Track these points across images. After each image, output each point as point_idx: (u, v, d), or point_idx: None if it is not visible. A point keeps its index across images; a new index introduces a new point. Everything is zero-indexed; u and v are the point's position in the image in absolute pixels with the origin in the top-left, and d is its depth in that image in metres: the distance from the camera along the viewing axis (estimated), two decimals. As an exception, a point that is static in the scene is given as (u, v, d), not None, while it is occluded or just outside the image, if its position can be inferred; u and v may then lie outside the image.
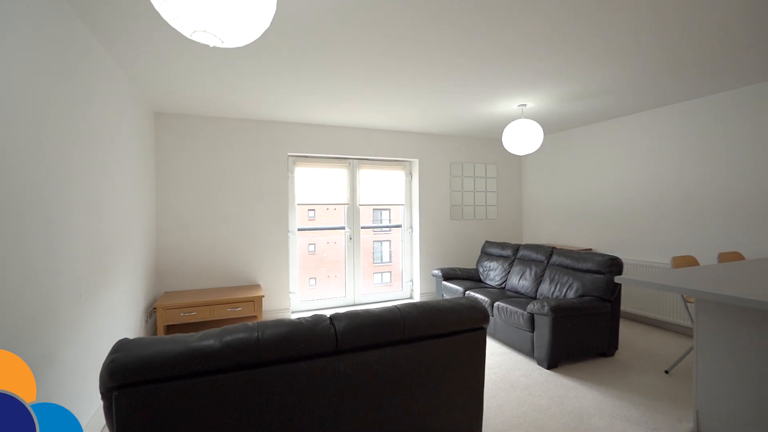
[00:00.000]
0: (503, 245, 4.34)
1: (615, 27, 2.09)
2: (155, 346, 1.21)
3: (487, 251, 4.55)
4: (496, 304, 3.36)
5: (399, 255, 5.20)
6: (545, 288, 3.49)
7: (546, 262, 3.71)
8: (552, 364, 2.86)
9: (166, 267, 3.79)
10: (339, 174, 4.71)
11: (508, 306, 3.22)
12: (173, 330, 3.53)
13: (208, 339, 1.27)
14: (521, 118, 4.07)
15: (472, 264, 5.27)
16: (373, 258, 5.12)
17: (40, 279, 1.56)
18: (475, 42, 2.24)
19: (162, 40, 2.17)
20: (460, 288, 3.97)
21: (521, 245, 4.14)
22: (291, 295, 4.45)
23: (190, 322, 3.37)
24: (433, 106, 3.64)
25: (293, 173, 4.44)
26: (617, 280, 2.05)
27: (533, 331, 2.97)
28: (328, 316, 1.50)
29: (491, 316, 3.42)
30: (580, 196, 4.70)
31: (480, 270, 4.45)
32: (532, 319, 2.97)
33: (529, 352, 3.01)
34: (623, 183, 4.17)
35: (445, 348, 1.62)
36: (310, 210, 4.73)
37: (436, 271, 4.46)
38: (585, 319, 2.92)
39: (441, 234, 5.12)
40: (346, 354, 1.43)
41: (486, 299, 3.50)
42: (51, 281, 1.65)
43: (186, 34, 1.25)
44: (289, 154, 4.34)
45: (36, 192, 1.53)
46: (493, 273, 4.22)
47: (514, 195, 5.62)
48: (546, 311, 2.80)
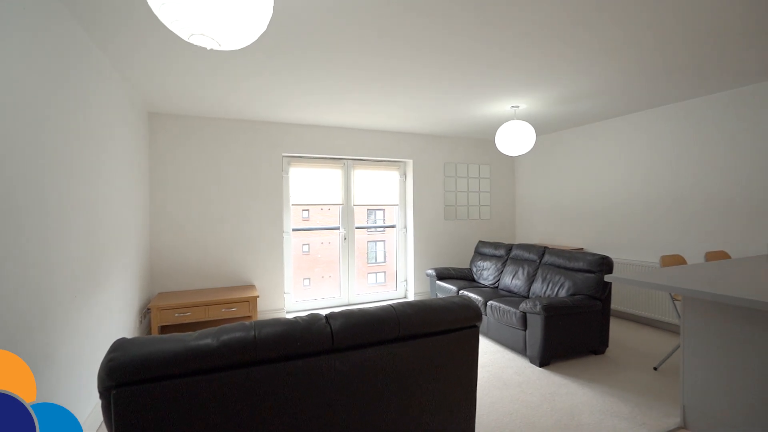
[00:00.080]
0: (496, 245, 4.39)
1: (610, 28, 2.10)
2: (153, 345, 1.22)
3: (481, 251, 4.59)
4: (489, 303, 3.40)
5: (393, 255, 5.22)
6: (537, 287, 3.54)
7: (538, 261, 3.76)
8: (544, 361, 2.90)
9: (160, 267, 3.78)
10: (334, 174, 4.72)
11: (501, 305, 3.26)
12: (167, 331, 3.52)
13: (205, 338, 1.28)
14: (514, 119, 4.12)
15: (465, 264, 5.32)
16: (368, 258, 5.14)
17: (35, 279, 1.57)
18: (469, 44, 2.28)
19: (158, 41, 2.18)
20: (453, 287, 4.01)
21: (514, 245, 4.19)
22: (286, 296, 4.46)
23: (184, 322, 3.36)
24: (427, 107, 3.67)
25: (288, 174, 4.45)
26: (607, 278, 2.08)
27: (526, 330, 3.01)
28: (323, 315, 1.52)
29: (484, 315, 3.46)
30: (572, 196, 4.77)
31: (474, 270, 4.49)
32: (524, 318, 3.01)
33: (522, 350, 3.06)
34: (614, 184, 4.24)
35: (439, 346, 1.64)
36: (304, 210, 4.73)
37: (430, 271, 4.50)
38: (576, 318, 2.97)
39: (435, 234, 5.15)
40: (341, 352, 1.45)
41: (479, 298, 3.54)
42: (47, 281, 1.65)
43: (184, 37, 1.26)
44: (284, 154, 4.35)
45: (31, 192, 1.54)
46: (487, 272, 4.26)
47: (507, 195, 5.68)
48: (538, 310, 2.85)
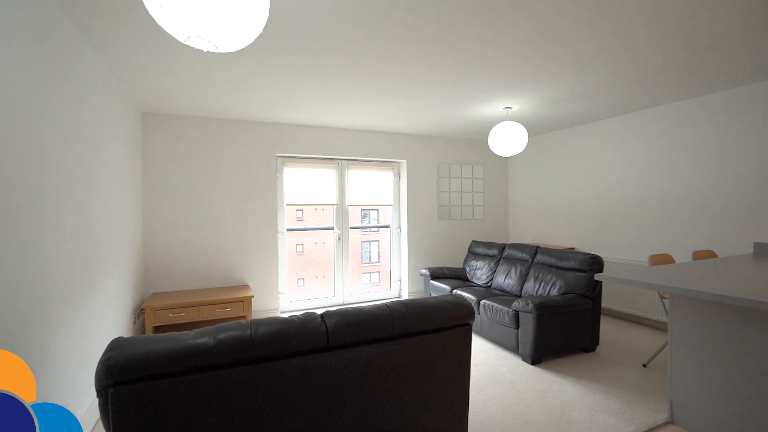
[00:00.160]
0: (489, 245, 4.43)
1: (603, 30, 2.12)
2: (150, 344, 1.23)
3: (474, 251, 4.63)
4: (482, 302, 3.44)
5: (387, 255, 5.25)
6: (530, 286, 3.59)
7: (530, 260, 3.81)
8: (536, 359, 2.95)
9: (154, 267, 3.77)
10: (328, 174, 4.74)
11: (493, 304, 3.30)
12: (161, 331, 3.51)
13: (202, 337, 1.30)
14: (506, 120, 4.17)
15: (459, 263, 5.36)
16: (362, 258, 5.16)
17: (35, 278, 1.57)
18: (463, 45, 2.31)
19: (154, 42, 2.18)
20: (447, 287, 4.04)
21: (507, 245, 4.24)
22: (280, 296, 4.46)
23: (178, 323, 3.35)
24: (421, 107, 3.70)
25: (282, 174, 4.46)
26: (597, 277, 2.12)
27: (518, 328, 3.06)
28: (319, 313, 1.54)
29: (477, 314, 3.50)
30: (563, 196, 4.83)
31: (467, 269, 4.53)
32: (516, 317, 3.05)
33: (514, 348, 3.10)
34: (606, 184, 4.30)
35: (433, 344, 1.67)
36: (298, 210, 4.74)
37: (424, 271, 4.53)
38: (567, 316, 3.02)
39: (429, 234, 5.19)
40: (336, 350, 1.47)
41: (473, 297, 3.58)
42: (45, 281, 1.66)
43: (180, 39, 1.28)
44: (278, 154, 4.36)
45: (30, 192, 1.54)
46: (480, 272, 4.30)
47: (500, 195, 5.73)
48: (530, 308, 2.89)
